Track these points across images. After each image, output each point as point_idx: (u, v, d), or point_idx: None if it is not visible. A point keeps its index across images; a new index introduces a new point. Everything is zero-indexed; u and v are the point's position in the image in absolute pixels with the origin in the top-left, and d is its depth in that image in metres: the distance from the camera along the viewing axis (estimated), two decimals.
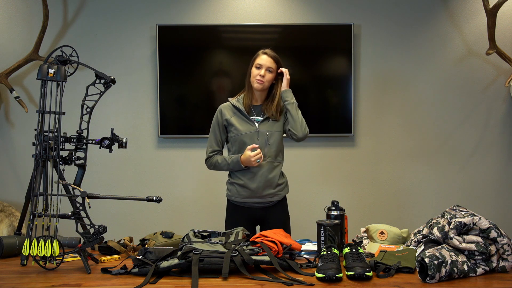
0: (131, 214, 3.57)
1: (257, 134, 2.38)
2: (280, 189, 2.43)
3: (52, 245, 1.72)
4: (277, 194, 2.42)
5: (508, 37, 3.59)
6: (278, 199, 2.44)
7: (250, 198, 2.39)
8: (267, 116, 2.41)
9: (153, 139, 3.60)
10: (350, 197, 3.60)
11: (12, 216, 3.21)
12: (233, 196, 2.44)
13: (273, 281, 1.61)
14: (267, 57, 2.38)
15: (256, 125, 2.39)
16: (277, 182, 2.40)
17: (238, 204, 2.43)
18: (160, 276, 1.68)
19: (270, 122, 2.41)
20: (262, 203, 2.41)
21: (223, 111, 2.44)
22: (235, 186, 2.42)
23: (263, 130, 2.39)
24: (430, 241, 1.83)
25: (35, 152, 1.86)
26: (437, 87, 3.63)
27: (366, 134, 3.63)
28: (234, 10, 3.59)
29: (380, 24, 3.61)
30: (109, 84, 2.00)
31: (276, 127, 2.41)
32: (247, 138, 2.37)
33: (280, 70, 2.42)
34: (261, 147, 2.35)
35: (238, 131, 2.39)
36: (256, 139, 2.37)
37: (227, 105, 2.46)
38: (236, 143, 2.41)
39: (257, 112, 2.43)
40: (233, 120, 2.40)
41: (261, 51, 2.41)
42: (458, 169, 3.64)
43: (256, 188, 2.36)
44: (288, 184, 2.51)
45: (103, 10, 3.58)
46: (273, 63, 2.38)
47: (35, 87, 3.56)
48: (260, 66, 2.37)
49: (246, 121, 2.40)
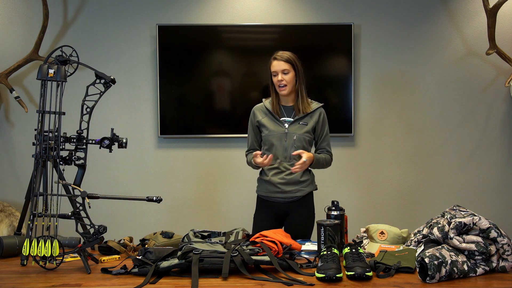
0: (131, 214, 3.57)
1: (285, 135, 2.45)
2: (304, 185, 2.49)
3: (52, 245, 1.72)
4: (301, 190, 2.48)
5: (508, 37, 3.59)
6: (302, 194, 2.49)
7: (275, 193, 2.48)
8: (297, 117, 2.47)
9: (153, 139, 3.60)
10: (350, 197, 3.61)
11: (12, 216, 3.21)
12: (261, 191, 2.54)
13: (273, 281, 1.61)
14: (278, 62, 2.44)
15: (286, 126, 2.46)
16: (299, 180, 2.46)
17: (264, 199, 2.53)
18: (160, 276, 1.68)
19: (299, 125, 2.47)
20: (286, 198, 2.48)
21: (255, 113, 2.55)
22: (262, 182, 2.53)
23: (292, 132, 2.45)
24: (430, 241, 1.83)
25: (35, 152, 1.86)
26: (437, 87, 3.63)
27: (366, 134, 3.63)
28: (234, 10, 3.59)
29: (380, 24, 3.61)
30: (109, 84, 2.00)
31: (304, 130, 2.46)
32: (276, 139, 2.46)
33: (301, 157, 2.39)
34: (287, 147, 2.44)
35: (269, 131, 2.47)
36: (284, 140, 2.45)
37: (260, 106, 2.57)
38: (266, 143, 2.50)
39: (287, 113, 2.50)
40: (264, 121, 2.50)
41: (272, 57, 2.47)
42: (458, 169, 3.64)
43: (279, 184, 2.45)
44: (314, 181, 2.56)
45: (103, 10, 3.58)
46: (286, 64, 2.43)
47: (35, 87, 3.56)
48: (276, 73, 2.44)
49: (277, 122, 2.48)
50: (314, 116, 2.49)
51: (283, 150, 2.44)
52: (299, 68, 2.46)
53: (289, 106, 2.51)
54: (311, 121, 2.48)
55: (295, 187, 2.46)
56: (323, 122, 2.51)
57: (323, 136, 2.52)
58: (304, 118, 2.47)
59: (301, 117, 2.47)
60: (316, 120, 2.48)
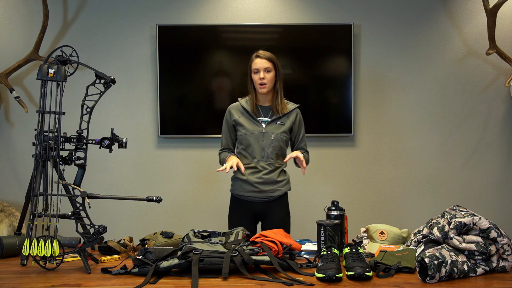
0: (131, 214, 3.57)
1: (262, 135, 2.45)
2: (281, 185, 2.50)
3: (52, 245, 1.72)
4: (277, 189, 2.48)
5: (508, 37, 3.59)
6: (279, 194, 2.49)
7: (251, 193, 2.47)
8: (274, 117, 2.47)
9: (153, 139, 3.60)
10: (350, 197, 3.60)
11: (12, 216, 3.21)
12: (236, 190, 2.52)
13: (273, 281, 1.61)
14: (261, 59, 2.44)
15: (263, 126, 2.46)
16: (276, 179, 2.47)
17: (240, 198, 2.51)
18: (160, 276, 1.68)
19: (276, 125, 2.47)
20: (262, 198, 2.47)
21: (232, 112, 2.53)
22: (238, 181, 2.50)
23: (269, 132, 2.45)
24: (430, 241, 1.83)
25: (35, 152, 1.86)
26: (437, 87, 3.63)
27: (366, 134, 3.63)
28: (234, 10, 3.59)
29: (380, 24, 3.61)
30: (109, 84, 2.00)
31: (281, 130, 2.47)
32: (253, 138, 2.45)
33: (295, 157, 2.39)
34: (264, 147, 2.44)
35: (246, 130, 2.46)
36: (261, 140, 2.44)
37: (236, 105, 2.55)
38: (243, 142, 2.48)
39: (264, 113, 2.49)
40: (241, 120, 2.48)
41: (254, 55, 2.47)
42: (458, 169, 3.64)
43: (257, 184, 2.44)
44: (289, 182, 2.57)
45: (103, 10, 3.58)
46: (268, 63, 2.44)
47: (35, 87, 3.55)
48: (257, 70, 2.44)
49: (254, 122, 2.47)
50: (291, 117, 2.51)
51: (260, 150, 2.45)
52: (279, 68, 2.48)
53: (266, 106, 2.51)
54: (288, 121, 2.49)
55: (272, 186, 2.46)
56: (299, 123, 2.54)
57: (300, 136, 2.55)
58: (281, 118, 2.48)
59: (278, 117, 2.48)
60: (292, 120, 2.50)
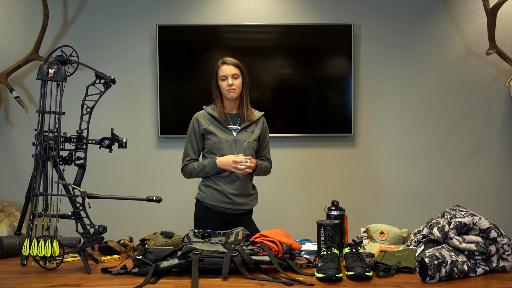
0: (131, 214, 3.57)
1: (234, 143, 2.40)
2: (252, 199, 2.49)
3: (52, 245, 1.72)
4: (249, 203, 2.47)
5: (508, 37, 3.59)
6: (249, 208, 2.49)
7: (223, 203, 2.41)
8: (244, 125, 2.44)
9: (153, 139, 3.60)
10: (350, 197, 3.60)
11: (12, 216, 3.21)
12: (206, 199, 2.43)
13: (273, 281, 1.61)
14: (228, 66, 2.40)
15: (234, 134, 2.42)
16: (250, 192, 2.46)
17: (210, 207, 2.43)
18: (160, 276, 1.68)
19: (247, 133, 2.44)
20: (233, 210, 2.42)
21: (200, 120, 2.44)
22: (210, 189, 2.42)
23: (241, 140, 2.41)
24: (430, 241, 1.83)
25: (35, 152, 1.86)
26: (437, 87, 3.63)
27: (366, 134, 3.63)
28: (234, 10, 3.59)
29: (380, 24, 3.61)
30: (109, 84, 2.01)
31: (253, 138, 2.44)
32: (226, 146, 2.39)
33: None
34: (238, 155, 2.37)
35: (218, 138, 2.40)
36: (234, 148, 2.39)
37: (203, 113, 2.46)
38: (214, 151, 2.41)
39: (233, 121, 2.45)
40: (211, 129, 2.41)
41: (220, 61, 2.43)
42: (458, 169, 3.64)
43: (232, 195, 2.39)
44: (257, 197, 2.55)
45: (103, 10, 3.58)
46: (236, 69, 2.41)
47: (35, 87, 3.55)
48: (225, 77, 2.40)
49: (225, 130, 2.42)
50: (259, 124, 2.49)
51: None
52: (246, 75, 2.45)
53: (234, 113, 2.47)
54: (257, 129, 2.47)
55: (245, 199, 2.43)
56: (266, 131, 2.53)
57: (265, 143, 2.52)
58: (250, 126, 2.45)
59: (247, 124, 2.44)
60: (261, 128, 2.49)
